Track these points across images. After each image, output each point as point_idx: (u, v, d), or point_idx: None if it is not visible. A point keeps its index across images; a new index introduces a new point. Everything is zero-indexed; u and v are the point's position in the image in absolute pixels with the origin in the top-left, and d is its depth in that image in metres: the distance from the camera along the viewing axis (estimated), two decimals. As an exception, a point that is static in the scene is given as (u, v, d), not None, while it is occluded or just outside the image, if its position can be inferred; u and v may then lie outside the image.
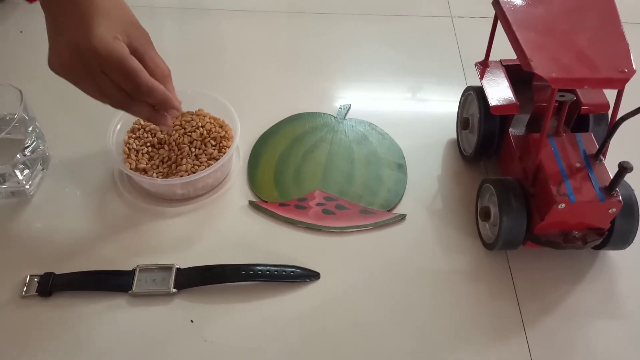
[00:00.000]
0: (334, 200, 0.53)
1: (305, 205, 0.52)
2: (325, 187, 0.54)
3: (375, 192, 0.54)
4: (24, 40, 0.69)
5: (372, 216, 0.52)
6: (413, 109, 0.63)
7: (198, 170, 0.51)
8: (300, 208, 0.52)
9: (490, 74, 0.52)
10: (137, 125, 0.56)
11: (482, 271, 0.49)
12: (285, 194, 0.53)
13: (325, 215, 0.52)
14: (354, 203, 0.53)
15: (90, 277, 0.47)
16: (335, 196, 0.53)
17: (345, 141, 0.58)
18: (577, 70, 0.42)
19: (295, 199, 0.53)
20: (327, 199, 0.53)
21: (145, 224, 0.51)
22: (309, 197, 0.53)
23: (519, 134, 0.50)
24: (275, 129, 0.59)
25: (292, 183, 0.54)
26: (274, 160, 0.56)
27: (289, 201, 0.53)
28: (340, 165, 0.56)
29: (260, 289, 0.47)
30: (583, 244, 0.45)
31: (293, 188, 0.54)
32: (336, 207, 0.52)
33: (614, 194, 0.43)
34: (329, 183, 0.54)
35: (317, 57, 0.67)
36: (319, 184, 0.54)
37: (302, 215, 0.52)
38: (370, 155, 0.57)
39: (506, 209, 0.45)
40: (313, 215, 0.52)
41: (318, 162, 0.56)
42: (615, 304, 0.47)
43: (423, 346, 0.44)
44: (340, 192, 0.54)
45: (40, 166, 0.54)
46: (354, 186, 0.54)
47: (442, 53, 0.69)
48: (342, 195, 0.53)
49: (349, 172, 0.55)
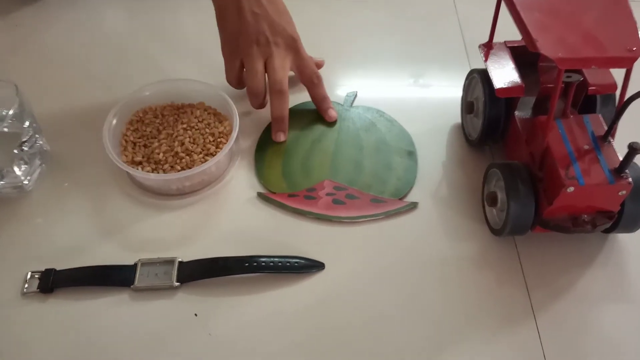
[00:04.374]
0: (344, 190, 0.52)
1: (314, 195, 0.52)
2: (334, 176, 0.53)
3: (385, 181, 0.53)
4: (19, 34, 0.68)
5: (383, 205, 0.51)
6: (416, 94, 0.62)
7: (194, 166, 0.50)
8: (309, 198, 0.51)
9: (495, 56, 0.51)
10: (135, 118, 0.55)
11: (490, 257, 0.48)
12: (294, 185, 0.53)
13: (335, 205, 0.51)
14: (364, 192, 0.52)
15: (92, 273, 0.46)
16: (345, 185, 0.52)
17: (353, 129, 0.57)
18: (584, 50, 0.41)
19: (304, 190, 0.52)
20: (336, 189, 0.52)
21: (147, 218, 0.51)
22: (318, 187, 0.52)
23: (525, 117, 0.49)
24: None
25: (301, 173, 0.53)
26: (281, 151, 0.55)
27: (297, 192, 0.52)
28: (349, 153, 0.55)
29: (265, 281, 0.46)
30: (592, 228, 0.44)
31: (302, 178, 0.53)
32: (346, 197, 0.51)
33: (623, 176, 0.42)
34: (338, 172, 0.53)
35: (318, 45, 0.66)
36: (328, 173, 0.53)
37: (311, 205, 0.51)
38: (379, 143, 0.56)
39: (514, 194, 0.44)
40: (323, 205, 0.51)
41: (326, 151, 0.55)
42: (625, 287, 0.46)
43: (432, 335, 0.44)
44: (350, 181, 0.53)
45: (38, 161, 0.53)
46: (363, 175, 0.53)
47: (444, 36, 0.68)
48: (352, 185, 0.52)
49: (358, 160, 0.54)
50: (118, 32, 0.69)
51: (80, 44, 0.67)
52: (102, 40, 0.67)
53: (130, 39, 0.68)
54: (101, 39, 0.67)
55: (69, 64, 0.64)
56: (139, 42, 0.67)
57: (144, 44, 0.67)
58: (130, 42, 0.67)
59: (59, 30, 0.68)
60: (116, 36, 0.68)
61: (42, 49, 0.66)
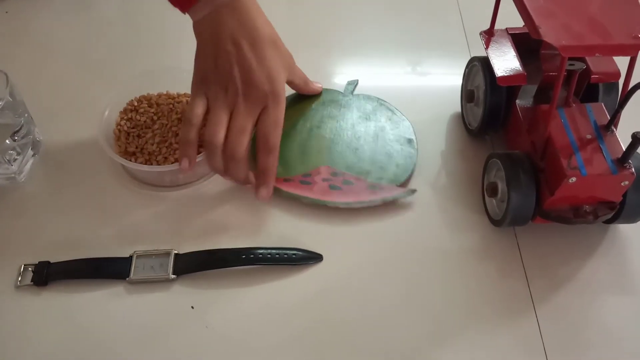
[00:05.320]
0: (341, 176, 0.51)
1: (310, 180, 0.51)
2: (331, 163, 0.52)
3: (383, 168, 0.52)
4: (9, 21, 0.66)
5: (380, 191, 0.50)
6: (415, 82, 0.61)
7: None
8: (305, 183, 0.50)
9: (496, 43, 0.50)
10: (129, 107, 0.54)
11: (490, 248, 0.47)
12: (290, 169, 0.52)
13: (331, 191, 0.50)
14: (361, 178, 0.51)
15: (87, 265, 0.46)
16: (342, 171, 0.51)
17: (353, 117, 0.56)
18: (588, 37, 0.40)
19: (299, 175, 0.51)
20: (333, 175, 0.51)
21: (142, 209, 0.50)
22: (314, 173, 0.51)
23: (526, 106, 0.48)
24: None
25: (297, 158, 0.52)
26: None
27: (293, 176, 0.51)
28: (347, 141, 0.54)
29: (262, 273, 0.46)
30: (594, 219, 0.43)
31: (298, 163, 0.52)
32: (343, 183, 0.51)
33: (626, 166, 0.41)
34: (336, 159, 0.52)
35: (317, 34, 0.65)
36: (325, 159, 0.52)
37: (306, 190, 0.50)
38: (378, 131, 0.55)
39: (514, 184, 0.44)
40: (318, 190, 0.50)
41: (324, 138, 0.54)
42: (626, 278, 0.46)
43: (432, 326, 0.43)
44: (347, 167, 0.52)
45: (31, 151, 0.52)
46: (361, 162, 0.52)
47: (444, 22, 0.67)
48: (349, 171, 0.52)
49: (356, 147, 0.53)
50: (112, 19, 0.67)
51: (72, 31, 0.65)
52: (96, 27, 0.66)
53: (125, 26, 0.66)
54: (94, 26, 0.66)
55: (62, 52, 0.63)
56: (133, 29, 0.66)
57: (139, 31, 0.65)
58: (124, 30, 0.66)
59: (51, 17, 0.67)
60: (110, 23, 0.67)
61: (33, 37, 0.65)
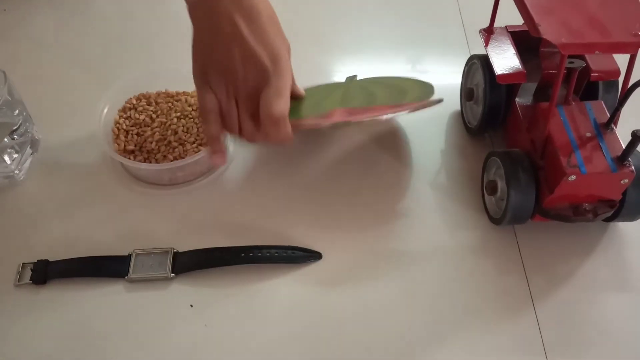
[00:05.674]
0: (360, 110, 0.48)
1: (327, 115, 0.46)
2: (346, 104, 0.49)
3: (404, 91, 0.50)
4: (7, 19, 0.66)
5: (405, 105, 0.47)
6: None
7: (186, 156, 0.49)
8: (323, 117, 0.46)
9: (496, 41, 0.50)
10: (128, 105, 0.54)
11: (490, 246, 0.47)
12: (303, 113, 0.47)
13: (352, 114, 0.46)
14: (380, 106, 0.48)
15: (86, 264, 0.46)
16: (357, 108, 0.48)
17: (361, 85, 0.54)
18: (587, 35, 0.40)
19: (314, 116, 0.46)
20: (349, 113, 0.47)
21: (141, 208, 0.50)
22: (330, 113, 0.47)
23: (526, 104, 0.48)
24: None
25: (310, 104, 0.48)
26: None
27: (306, 117, 0.46)
28: (361, 86, 0.52)
29: (261, 271, 0.46)
30: (594, 217, 0.43)
31: (311, 107, 0.48)
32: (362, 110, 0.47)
33: (626, 164, 0.41)
34: (351, 100, 0.50)
35: (316, 31, 0.65)
36: (339, 102, 0.50)
37: (324, 120, 0.45)
38: (391, 85, 0.53)
39: (514, 182, 0.44)
40: (339, 116, 0.46)
41: (336, 93, 0.52)
42: (625, 276, 0.46)
43: (431, 324, 0.43)
44: (364, 104, 0.49)
45: (29, 150, 0.52)
46: (377, 100, 0.50)
47: (443, 20, 0.67)
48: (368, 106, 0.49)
49: (371, 92, 0.51)
50: (110, 17, 0.67)
51: (70, 29, 0.65)
52: (94, 25, 0.66)
53: (124, 24, 0.66)
54: (93, 24, 0.66)
55: (60, 50, 0.63)
56: (132, 27, 0.65)
57: (138, 29, 0.65)
58: (123, 28, 0.65)
59: (49, 15, 0.66)
60: (108, 21, 0.67)
61: (31, 35, 0.64)
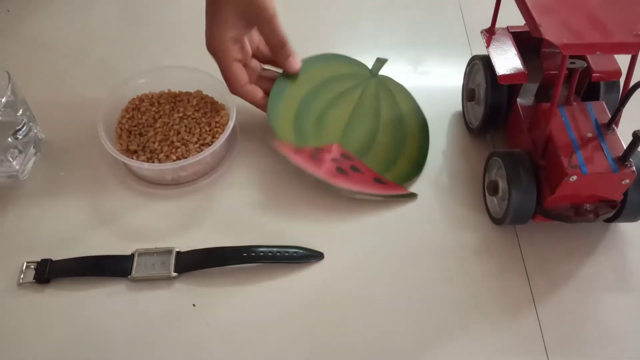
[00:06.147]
0: (350, 160, 0.51)
1: (320, 157, 0.50)
2: (344, 143, 0.52)
3: (394, 163, 0.51)
4: (11, 19, 0.66)
5: (384, 187, 0.50)
6: (415, 81, 0.61)
7: (189, 156, 0.49)
8: (314, 158, 0.50)
9: (497, 41, 0.50)
10: (131, 105, 0.54)
11: (491, 246, 0.48)
12: (303, 139, 0.51)
13: (338, 174, 0.49)
14: (369, 169, 0.51)
15: (89, 263, 0.46)
16: (352, 155, 0.51)
17: (375, 98, 0.55)
18: (588, 35, 0.40)
19: (312, 148, 0.51)
20: (343, 156, 0.51)
21: (143, 207, 0.50)
22: (325, 150, 0.51)
23: (527, 104, 0.48)
24: (307, 63, 0.55)
25: (312, 128, 0.52)
26: (298, 98, 0.53)
27: (305, 148, 0.50)
28: (365, 122, 0.53)
29: (263, 271, 0.46)
30: (595, 217, 0.43)
31: (311, 133, 0.52)
32: (351, 168, 0.50)
33: (627, 165, 0.41)
34: (350, 141, 0.52)
35: (316, 31, 0.65)
36: (339, 137, 0.52)
37: (314, 167, 0.49)
38: (397, 119, 0.54)
39: (515, 182, 0.44)
40: (326, 170, 0.49)
41: (343, 114, 0.53)
42: (626, 276, 0.46)
43: (433, 323, 0.44)
44: (359, 152, 0.52)
45: (33, 150, 0.52)
46: (374, 150, 0.52)
47: (445, 20, 0.67)
48: (360, 157, 0.51)
49: (372, 133, 0.53)
50: (113, 18, 0.67)
51: (74, 29, 0.65)
52: (97, 25, 0.66)
53: (126, 24, 0.66)
54: (96, 25, 0.66)
55: (63, 51, 0.63)
56: (135, 28, 0.66)
57: (140, 29, 0.65)
58: (125, 28, 0.66)
59: (52, 15, 0.67)
60: (111, 22, 0.67)
61: (34, 35, 0.65)
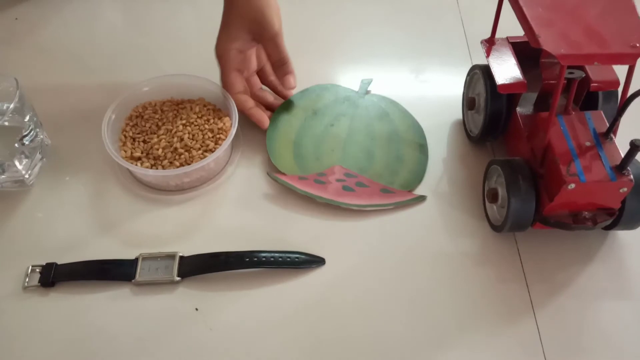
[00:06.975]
0: (354, 177, 0.52)
1: (324, 180, 0.51)
2: (345, 163, 0.53)
3: (395, 172, 0.53)
4: (19, 28, 0.67)
5: (392, 195, 0.51)
6: (416, 90, 0.61)
7: (192, 162, 0.50)
8: (319, 183, 0.51)
9: (497, 51, 0.50)
10: (134, 113, 0.55)
11: (490, 254, 0.48)
12: (305, 168, 0.53)
13: (345, 192, 0.51)
14: (374, 181, 0.52)
15: (93, 267, 0.46)
16: (355, 173, 0.52)
17: (367, 117, 0.57)
18: (586, 46, 0.41)
19: (314, 174, 0.52)
20: (347, 175, 0.52)
21: (148, 212, 0.51)
22: (329, 172, 0.52)
23: (526, 113, 0.49)
24: (297, 98, 0.58)
25: (312, 157, 0.54)
26: (293, 132, 0.55)
27: (308, 175, 0.52)
28: (361, 141, 0.55)
29: (265, 276, 0.46)
30: (593, 225, 0.44)
31: (312, 160, 0.53)
32: (356, 185, 0.51)
33: (625, 173, 0.42)
34: (349, 159, 0.53)
35: (319, 39, 0.66)
36: (339, 159, 0.53)
37: (321, 190, 0.51)
38: (392, 134, 0.55)
39: (514, 190, 0.44)
40: (333, 191, 0.51)
41: (339, 137, 0.55)
42: (625, 284, 0.46)
43: (432, 330, 0.44)
44: (360, 169, 0.53)
45: (39, 155, 0.53)
46: (374, 164, 0.53)
47: (446, 31, 0.68)
48: (362, 173, 0.53)
49: (369, 149, 0.54)
50: (118, 27, 0.69)
51: (80, 38, 0.66)
52: (102, 34, 0.67)
53: (130, 33, 0.67)
54: (101, 34, 0.67)
55: (69, 58, 0.64)
56: (139, 36, 0.67)
57: (144, 38, 0.66)
58: (130, 37, 0.67)
59: (59, 24, 0.68)
60: (116, 31, 0.68)
61: (41, 43, 0.66)
